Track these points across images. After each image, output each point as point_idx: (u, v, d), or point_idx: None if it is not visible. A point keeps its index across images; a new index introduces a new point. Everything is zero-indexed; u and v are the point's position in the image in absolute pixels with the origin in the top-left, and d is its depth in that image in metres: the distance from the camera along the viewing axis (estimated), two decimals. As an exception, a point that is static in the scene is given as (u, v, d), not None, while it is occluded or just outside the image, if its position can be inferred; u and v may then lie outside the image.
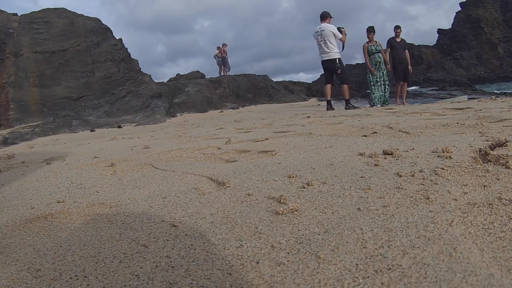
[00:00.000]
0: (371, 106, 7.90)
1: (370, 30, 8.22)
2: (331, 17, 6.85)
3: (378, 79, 8.25)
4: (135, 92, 11.50)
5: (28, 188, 1.48)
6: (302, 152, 1.63)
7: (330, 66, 6.75)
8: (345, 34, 7.07)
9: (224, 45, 16.53)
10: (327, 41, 6.61)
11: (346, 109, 6.56)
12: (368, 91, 8.67)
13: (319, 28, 6.66)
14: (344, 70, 6.98)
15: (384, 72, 8.30)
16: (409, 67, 8.69)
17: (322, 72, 7.28)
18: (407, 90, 9.21)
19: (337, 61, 6.65)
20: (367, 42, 8.28)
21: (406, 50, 8.73)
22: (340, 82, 7.08)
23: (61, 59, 10.98)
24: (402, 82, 8.70)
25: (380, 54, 8.26)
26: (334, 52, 6.65)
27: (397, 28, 8.69)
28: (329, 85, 6.91)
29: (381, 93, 8.23)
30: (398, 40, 8.69)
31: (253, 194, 0.99)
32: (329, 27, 6.61)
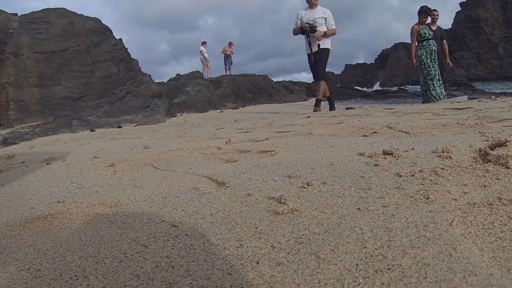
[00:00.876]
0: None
1: (423, 11, 6.47)
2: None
3: (435, 72, 6.47)
4: (135, 92, 11.50)
5: (28, 188, 1.48)
6: (302, 152, 1.63)
7: None
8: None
9: (230, 44, 16.54)
10: None
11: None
12: (424, 89, 6.80)
13: None
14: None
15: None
16: (447, 60, 6.93)
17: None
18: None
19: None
20: (417, 24, 6.51)
21: (444, 41, 7.02)
22: None
23: (61, 59, 10.98)
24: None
25: (434, 41, 6.50)
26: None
27: (433, 11, 6.76)
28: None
29: (442, 89, 6.57)
30: (434, 27, 6.83)
31: (253, 194, 0.99)
32: None
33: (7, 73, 10.28)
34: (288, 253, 0.60)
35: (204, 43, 16.09)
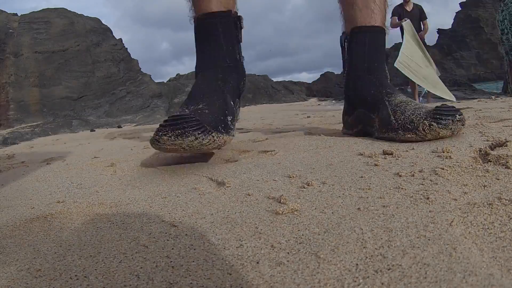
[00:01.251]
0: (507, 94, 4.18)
1: None
2: None
3: None
4: (135, 92, 11.51)
5: (28, 188, 1.48)
6: (302, 152, 1.63)
7: None
8: None
9: None
10: None
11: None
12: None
13: None
14: None
15: None
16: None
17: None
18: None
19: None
20: None
21: (425, 22, 5.51)
22: None
23: (61, 59, 10.99)
24: None
25: None
26: None
27: None
28: None
29: None
30: (409, 8, 5.38)
31: (253, 194, 0.99)
32: None
33: (7, 73, 10.28)
34: (288, 253, 0.60)
35: None
